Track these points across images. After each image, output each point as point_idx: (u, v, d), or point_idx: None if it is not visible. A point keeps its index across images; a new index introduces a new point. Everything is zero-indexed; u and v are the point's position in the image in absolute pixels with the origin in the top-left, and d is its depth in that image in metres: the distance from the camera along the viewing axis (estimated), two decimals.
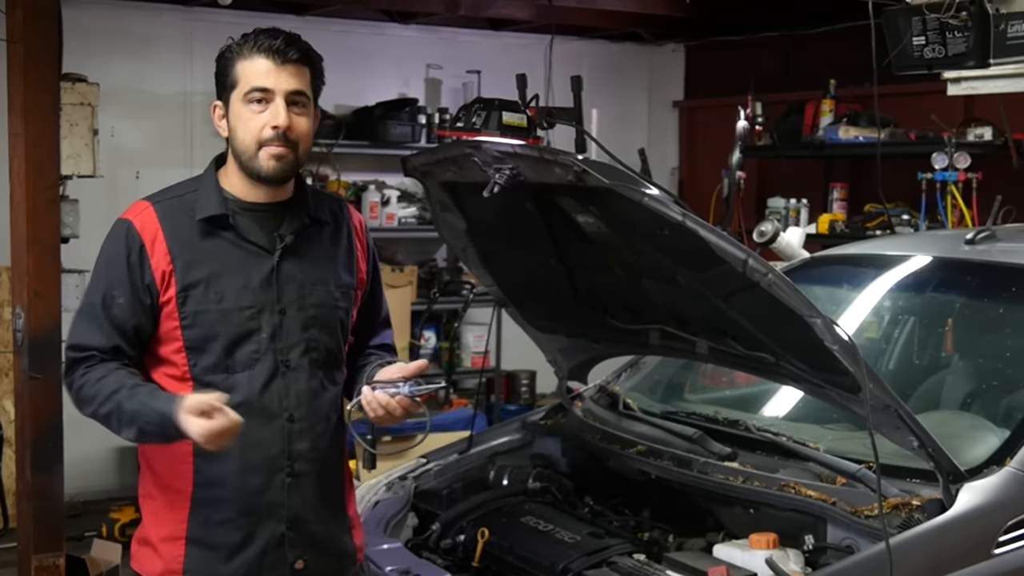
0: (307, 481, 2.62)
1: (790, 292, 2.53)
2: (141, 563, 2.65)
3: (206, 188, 2.61)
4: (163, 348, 2.58)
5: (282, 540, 2.60)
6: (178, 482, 2.58)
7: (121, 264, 2.55)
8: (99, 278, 2.60)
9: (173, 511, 2.59)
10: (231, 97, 2.57)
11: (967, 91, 4.65)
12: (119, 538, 6.02)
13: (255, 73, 2.53)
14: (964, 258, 3.70)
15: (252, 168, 2.56)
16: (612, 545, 2.96)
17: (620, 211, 2.74)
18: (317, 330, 2.63)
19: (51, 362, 4.99)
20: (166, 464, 2.59)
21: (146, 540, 2.64)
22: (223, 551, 2.57)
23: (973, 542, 2.70)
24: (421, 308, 7.39)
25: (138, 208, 2.61)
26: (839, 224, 6.71)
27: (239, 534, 2.57)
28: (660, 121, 8.93)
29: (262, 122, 2.53)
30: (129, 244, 2.55)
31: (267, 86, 2.53)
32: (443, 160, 3.00)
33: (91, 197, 6.07)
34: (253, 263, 2.58)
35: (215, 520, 2.57)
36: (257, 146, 2.54)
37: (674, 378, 3.93)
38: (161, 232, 2.55)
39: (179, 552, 2.57)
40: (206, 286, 2.55)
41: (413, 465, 3.54)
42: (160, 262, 2.54)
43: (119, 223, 2.61)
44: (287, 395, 2.59)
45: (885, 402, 2.61)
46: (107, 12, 6.92)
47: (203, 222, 2.57)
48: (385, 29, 7.88)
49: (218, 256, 2.57)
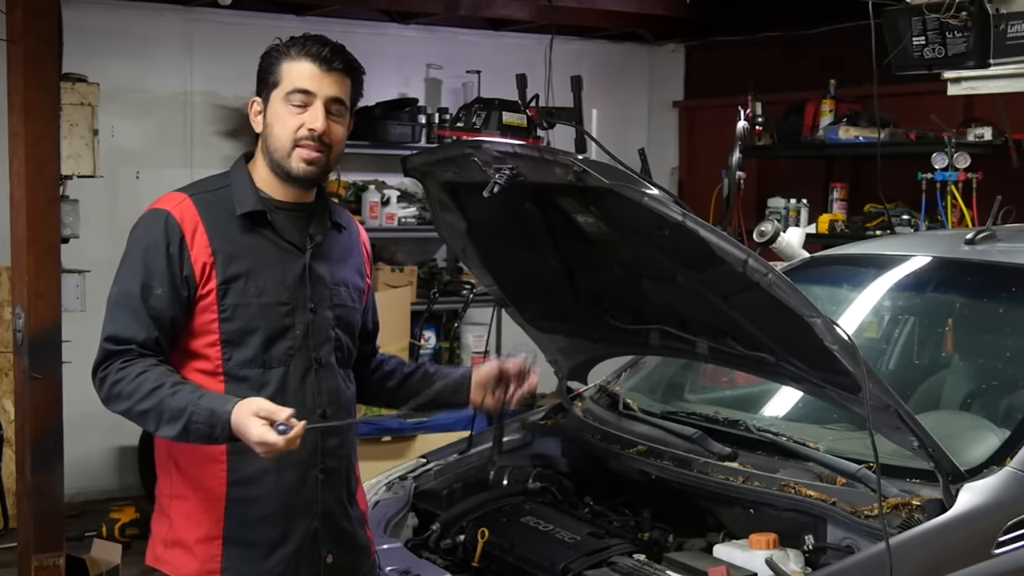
0: (336, 477, 2.67)
1: (790, 292, 2.53)
2: (173, 565, 2.62)
3: (241, 184, 2.63)
4: (195, 342, 2.58)
5: (315, 535, 2.63)
6: (211, 482, 2.58)
7: (160, 254, 2.53)
8: (135, 268, 2.55)
9: (208, 511, 2.59)
10: (272, 95, 2.61)
11: (967, 91, 4.66)
12: (119, 538, 6.02)
13: (299, 75, 2.58)
14: (964, 258, 3.70)
15: (284, 167, 2.60)
16: (612, 545, 2.96)
17: (620, 211, 2.74)
18: (341, 329, 2.69)
19: (51, 362, 5.00)
20: (199, 464, 2.59)
21: (177, 541, 2.62)
22: (261, 549, 2.59)
23: (973, 542, 2.70)
24: (421, 308, 7.39)
25: (174, 199, 2.60)
26: (839, 224, 6.71)
27: (276, 531, 2.59)
28: (660, 121, 8.92)
29: (300, 122, 2.58)
30: (169, 234, 2.54)
31: (310, 89, 2.58)
32: (443, 160, 3.00)
33: (91, 197, 6.09)
34: (288, 260, 2.62)
35: (252, 518, 2.58)
36: (292, 145, 2.58)
37: (674, 378, 3.93)
38: (201, 224, 2.56)
39: (216, 552, 2.58)
40: (246, 280, 2.56)
41: (413, 465, 3.54)
42: (200, 254, 2.54)
43: (155, 213, 2.58)
44: (320, 392, 2.62)
45: (885, 402, 2.61)
46: (107, 12, 6.92)
47: (243, 217, 2.59)
48: (385, 29, 7.88)
49: (257, 251, 2.59)
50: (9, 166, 5.07)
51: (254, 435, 2.38)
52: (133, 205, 7.28)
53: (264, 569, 2.59)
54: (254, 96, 2.66)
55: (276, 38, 2.67)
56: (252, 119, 2.67)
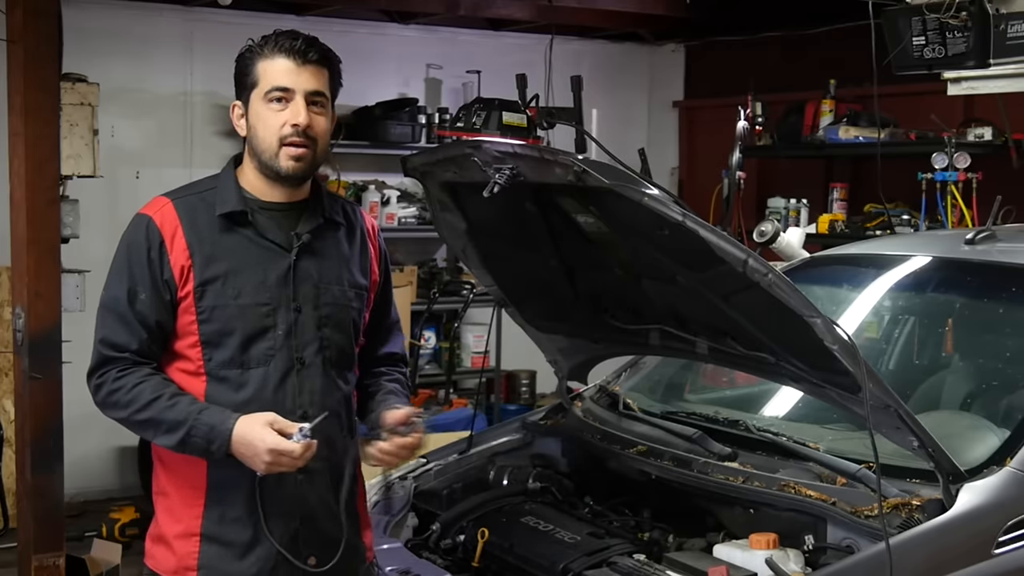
0: (320, 479, 2.64)
1: (790, 292, 2.53)
2: (156, 560, 2.64)
3: (225, 185, 2.64)
4: (178, 343, 2.59)
5: (296, 537, 2.61)
6: (193, 479, 2.59)
7: (142, 260, 2.56)
8: (121, 272, 2.59)
9: (188, 508, 2.60)
10: (251, 97, 2.60)
11: (967, 91, 4.66)
12: (119, 538, 6.02)
13: (276, 73, 2.57)
14: (964, 258, 3.70)
15: (272, 167, 2.59)
16: (612, 545, 2.96)
17: (620, 211, 2.74)
18: (330, 329, 2.66)
19: (51, 362, 5.00)
20: (181, 462, 2.59)
21: (160, 537, 2.64)
22: (237, 548, 2.58)
23: (973, 542, 2.70)
24: (421, 308, 7.39)
25: (157, 204, 2.62)
26: (839, 224, 6.71)
27: (252, 531, 2.58)
28: (660, 121, 8.92)
29: (282, 120, 2.56)
30: (149, 240, 2.56)
31: (288, 85, 2.56)
32: (443, 160, 3.00)
33: (91, 197, 6.08)
34: (270, 260, 2.61)
35: (229, 517, 2.58)
36: (278, 144, 2.57)
37: (674, 378, 3.93)
38: (180, 227, 2.57)
39: (193, 548, 2.58)
40: (224, 281, 2.56)
41: (413, 465, 3.54)
42: (179, 257, 2.56)
43: (139, 218, 2.61)
44: (301, 392, 2.61)
45: (885, 402, 2.61)
46: (107, 12, 6.92)
47: (222, 218, 2.59)
48: (385, 29, 7.88)
49: (237, 252, 2.59)
50: (9, 166, 5.07)
51: (269, 442, 2.43)
52: (133, 205, 7.19)
53: (239, 568, 2.58)
54: (234, 100, 2.65)
55: (248, 39, 2.65)
56: (235, 123, 2.66)
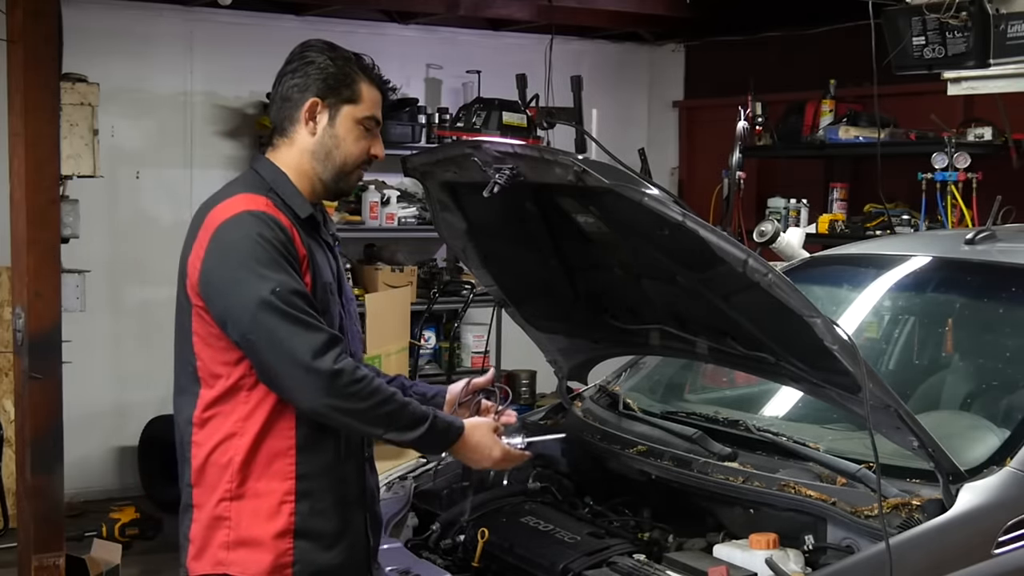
0: (374, 466, 2.80)
1: (790, 292, 2.53)
2: (242, 565, 2.63)
3: (289, 188, 2.66)
4: None
5: (365, 522, 2.74)
6: (280, 477, 2.62)
7: (285, 254, 2.56)
8: (271, 264, 2.52)
9: (278, 506, 2.63)
10: (343, 109, 2.66)
11: (967, 91, 4.67)
12: (119, 538, 6.03)
13: (375, 103, 2.70)
14: (964, 258, 3.70)
15: (340, 182, 2.71)
16: (612, 545, 2.96)
17: (620, 211, 2.74)
18: (356, 323, 2.81)
19: (51, 362, 5.00)
20: (266, 462, 2.62)
21: (244, 541, 2.63)
22: (326, 540, 2.66)
23: (973, 542, 2.70)
24: (421, 308, 7.40)
25: (259, 201, 2.59)
26: (839, 224, 6.71)
27: (338, 521, 2.67)
28: (660, 121, 8.93)
29: (368, 146, 2.70)
30: (286, 234, 2.57)
31: (379, 118, 2.72)
32: (443, 160, 3.01)
33: (91, 197, 6.09)
34: (329, 259, 2.73)
35: (317, 510, 2.65)
36: (355, 166, 2.69)
37: (674, 378, 3.93)
38: (291, 225, 2.61)
39: (288, 546, 2.62)
40: (318, 277, 2.64)
41: (413, 465, 3.54)
42: (301, 250, 2.61)
43: (261, 216, 2.55)
44: None
45: (885, 402, 2.61)
46: (107, 12, 6.92)
47: (306, 219, 2.66)
48: (385, 29, 7.88)
49: (317, 250, 2.68)
50: (9, 166, 5.08)
51: (497, 453, 2.73)
52: (133, 205, 7.34)
53: (327, 559, 2.66)
54: (313, 96, 2.64)
55: (323, 43, 2.68)
56: (305, 119, 2.65)
